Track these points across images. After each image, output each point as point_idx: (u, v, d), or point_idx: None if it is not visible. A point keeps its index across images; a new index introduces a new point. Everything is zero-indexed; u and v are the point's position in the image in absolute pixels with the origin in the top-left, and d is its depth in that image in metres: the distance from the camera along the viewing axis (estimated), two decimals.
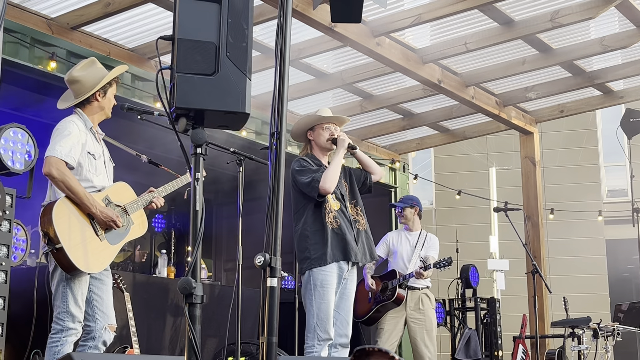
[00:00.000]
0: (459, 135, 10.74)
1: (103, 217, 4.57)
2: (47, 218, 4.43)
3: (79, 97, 4.72)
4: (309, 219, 5.38)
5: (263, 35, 7.28)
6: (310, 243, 5.34)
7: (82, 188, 4.52)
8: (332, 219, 5.38)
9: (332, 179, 5.33)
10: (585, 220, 14.71)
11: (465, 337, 8.52)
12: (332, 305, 5.32)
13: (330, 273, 5.32)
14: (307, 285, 5.32)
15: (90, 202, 4.52)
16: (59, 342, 4.41)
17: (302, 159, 5.49)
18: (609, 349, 8.82)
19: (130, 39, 7.32)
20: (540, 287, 8.58)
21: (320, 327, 5.24)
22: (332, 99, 9.37)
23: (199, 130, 2.98)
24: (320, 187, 5.27)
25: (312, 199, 5.36)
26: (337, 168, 5.40)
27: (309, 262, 5.32)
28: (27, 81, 6.33)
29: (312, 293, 5.28)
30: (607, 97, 9.70)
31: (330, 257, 5.30)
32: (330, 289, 5.30)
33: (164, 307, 7.03)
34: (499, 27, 7.62)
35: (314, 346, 5.22)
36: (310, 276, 5.30)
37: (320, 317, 5.24)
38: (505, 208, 7.95)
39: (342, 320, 5.43)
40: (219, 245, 10.74)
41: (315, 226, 5.36)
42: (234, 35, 2.94)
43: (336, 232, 5.36)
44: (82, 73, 4.75)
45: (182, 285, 2.83)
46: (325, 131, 5.57)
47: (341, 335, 5.40)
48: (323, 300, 5.27)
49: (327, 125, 5.59)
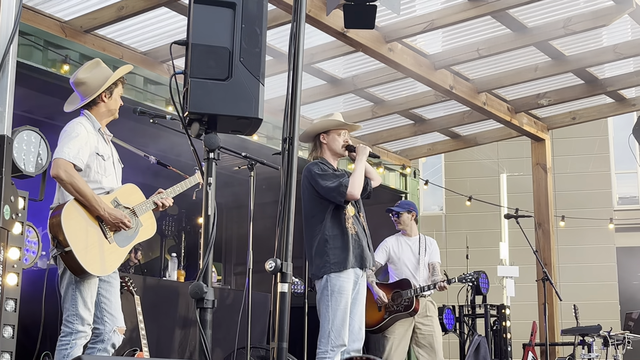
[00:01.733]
0: (470, 141, 10.71)
1: (112, 219, 4.57)
2: (55, 221, 4.44)
3: (86, 98, 4.73)
4: (328, 224, 5.36)
5: (275, 40, 7.28)
6: (329, 247, 5.32)
7: (90, 190, 4.52)
8: (351, 225, 5.39)
9: (359, 185, 5.40)
10: (596, 227, 14.68)
11: (474, 344, 8.50)
12: (348, 312, 5.30)
13: (347, 279, 5.31)
14: (324, 290, 5.29)
15: (98, 204, 4.52)
16: (69, 344, 4.42)
17: (321, 163, 5.48)
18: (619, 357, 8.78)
19: (143, 43, 7.34)
20: (550, 295, 8.55)
21: (334, 332, 5.21)
22: (344, 104, 9.36)
23: (212, 135, 2.99)
24: (349, 193, 5.31)
25: (332, 204, 5.36)
26: (362, 174, 5.45)
27: (327, 266, 5.30)
28: (40, 84, 6.35)
29: (329, 299, 5.26)
30: (619, 104, 9.67)
31: (350, 262, 5.30)
32: (347, 294, 5.29)
33: (173, 311, 7.03)
34: (512, 33, 7.61)
35: (327, 352, 5.19)
36: (328, 282, 5.28)
37: (335, 324, 5.22)
38: (516, 215, 7.94)
39: (355, 325, 5.41)
40: (228, 249, 10.74)
41: (334, 231, 5.35)
42: (248, 40, 2.95)
43: (354, 238, 5.37)
44: (87, 75, 4.74)
45: (194, 290, 2.84)
46: (341, 137, 5.58)
47: (354, 340, 5.38)
48: (339, 306, 5.24)
49: (342, 131, 5.60)
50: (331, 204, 5.37)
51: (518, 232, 7.76)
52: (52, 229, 4.47)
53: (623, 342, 8.67)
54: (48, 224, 4.52)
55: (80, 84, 4.74)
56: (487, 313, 9.11)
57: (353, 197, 5.35)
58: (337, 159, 5.65)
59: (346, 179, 5.36)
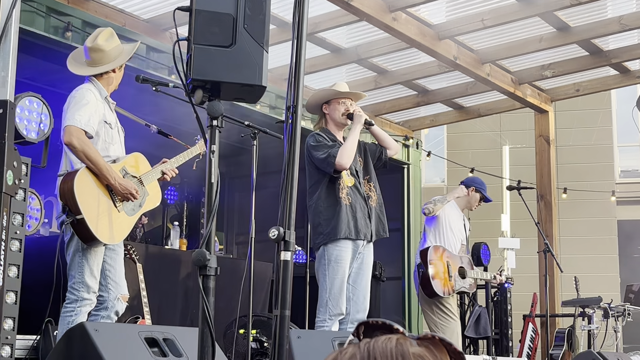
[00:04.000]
0: (473, 112, 10.69)
1: (121, 189, 4.56)
2: (67, 188, 4.42)
3: (99, 67, 4.70)
4: (322, 194, 5.37)
5: (279, 8, 7.24)
6: (322, 218, 5.34)
7: (102, 159, 4.51)
8: (345, 195, 5.38)
9: (348, 155, 5.31)
10: (598, 200, 14.67)
11: (475, 315, 8.52)
12: (345, 281, 5.34)
13: (344, 248, 5.32)
14: (321, 260, 5.34)
15: (110, 173, 4.51)
16: (73, 311, 4.44)
17: (318, 134, 5.46)
18: (619, 329, 8.82)
19: (146, 10, 7.30)
20: (551, 266, 8.57)
21: (332, 302, 5.25)
22: (347, 74, 9.33)
23: (215, 103, 2.98)
24: (337, 163, 5.25)
25: (327, 175, 5.35)
26: (353, 144, 5.38)
27: (322, 237, 5.33)
28: (43, 50, 6.32)
29: (326, 268, 5.30)
30: (623, 76, 9.63)
31: (341, 232, 5.29)
32: (344, 264, 5.31)
33: (175, 279, 7.06)
34: (517, 3, 7.56)
35: (325, 320, 5.24)
36: (324, 251, 5.32)
37: (332, 292, 5.26)
38: (518, 187, 7.93)
39: (359, 295, 5.43)
40: (230, 218, 10.76)
41: (328, 202, 5.36)
42: (252, 7, 2.93)
43: (348, 208, 5.36)
44: (106, 44, 4.71)
45: (197, 257, 2.84)
46: (341, 106, 5.54)
47: (358, 310, 5.41)
48: (337, 275, 5.28)
49: (343, 100, 5.56)
50: (326, 175, 5.37)
51: (520, 204, 7.76)
52: (63, 196, 4.45)
53: (623, 314, 8.71)
54: (58, 190, 4.50)
55: (98, 51, 4.70)
56: (488, 284, 9.13)
57: (342, 167, 5.28)
58: (341, 128, 5.62)
59: (335, 150, 5.31)
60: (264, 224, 3.72)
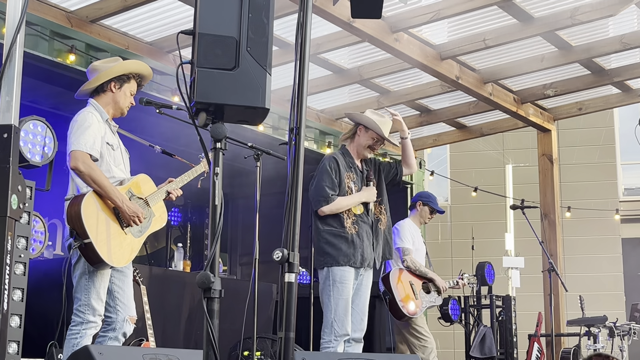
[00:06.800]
0: (475, 132, 10.70)
1: (129, 212, 4.56)
2: (74, 212, 4.42)
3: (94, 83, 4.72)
4: (329, 219, 5.40)
5: (281, 30, 7.27)
6: (328, 244, 5.38)
7: (109, 181, 4.52)
8: (351, 225, 5.40)
9: (337, 210, 5.39)
10: (602, 218, 14.64)
11: (480, 335, 8.50)
12: (350, 302, 5.34)
13: (348, 270, 5.35)
14: (326, 281, 5.34)
15: (117, 195, 4.51)
16: (79, 334, 4.42)
17: (336, 160, 5.50)
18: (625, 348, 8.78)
19: (149, 33, 7.34)
20: (556, 285, 8.55)
21: (337, 322, 5.25)
22: (349, 94, 9.35)
23: (218, 125, 2.98)
24: (321, 209, 5.37)
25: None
26: (349, 205, 5.43)
27: (326, 260, 5.37)
28: (46, 73, 6.35)
29: (331, 289, 5.30)
30: (625, 95, 9.65)
31: (345, 261, 5.34)
32: (348, 285, 5.33)
33: (179, 301, 7.04)
34: (518, 23, 7.59)
35: (330, 342, 5.23)
36: (329, 272, 5.33)
37: (338, 313, 5.26)
38: (522, 206, 7.92)
39: (357, 316, 5.45)
40: (234, 239, 10.75)
41: (334, 228, 5.38)
42: (255, 30, 2.94)
43: (355, 237, 5.39)
44: (103, 64, 4.81)
45: (201, 280, 2.83)
46: (372, 141, 5.61)
47: (356, 330, 5.42)
48: (341, 296, 5.28)
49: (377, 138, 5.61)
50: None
51: (523, 223, 7.75)
52: (70, 220, 4.46)
53: (629, 332, 8.68)
54: (66, 214, 4.51)
55: (94, 70, 4.78)
56: (493, 304, 9.11)
57: (324, 214, 5.38)
58: (360, 156, 5.65)
59: (334, 197, 5.38)
60: (268, 245, 3.73)
